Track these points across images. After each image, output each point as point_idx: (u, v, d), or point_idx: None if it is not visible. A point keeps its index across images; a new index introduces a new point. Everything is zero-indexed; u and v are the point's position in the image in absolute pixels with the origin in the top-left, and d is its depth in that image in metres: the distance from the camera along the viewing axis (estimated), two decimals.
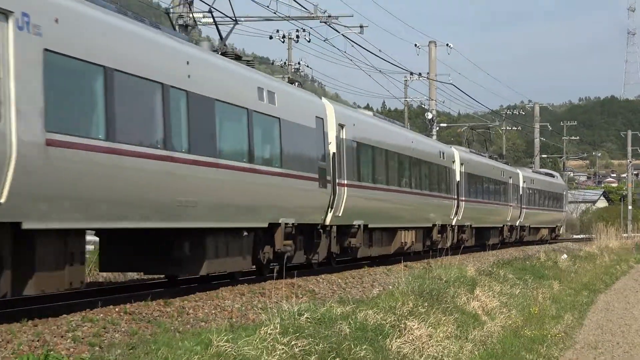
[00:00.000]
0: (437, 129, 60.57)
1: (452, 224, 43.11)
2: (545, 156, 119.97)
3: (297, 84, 28.38)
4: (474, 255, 43.00)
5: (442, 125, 68.56)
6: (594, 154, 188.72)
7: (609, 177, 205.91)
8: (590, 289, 34.69)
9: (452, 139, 71.85)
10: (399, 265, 29.55)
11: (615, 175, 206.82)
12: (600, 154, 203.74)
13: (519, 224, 59.58)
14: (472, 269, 26.71)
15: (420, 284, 20.16)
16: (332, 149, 27.95)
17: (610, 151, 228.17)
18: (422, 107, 60.62)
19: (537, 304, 26.05)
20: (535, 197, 64.25)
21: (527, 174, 63.39)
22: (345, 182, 28.80)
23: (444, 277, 23.10)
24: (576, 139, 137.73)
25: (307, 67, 59.73)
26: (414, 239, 36.86)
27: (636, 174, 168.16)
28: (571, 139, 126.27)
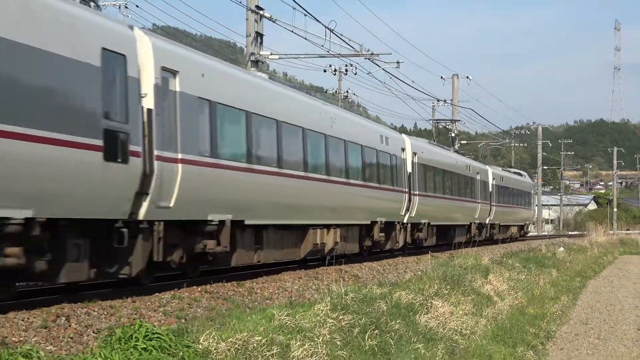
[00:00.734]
0: (459, 145, 60.26)
1: (404, 221, 31.71)
2: (546, 167, 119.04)
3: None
4: (487, 248, 42.61)
5: (462, 142, 67.93)
6: (586, 166, 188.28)
7: (598, 185, 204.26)
8: (582, 276, 34.43)
9: (471, 154, 71.01)
10: (426, 255, 29.40)
11: (603, 183, 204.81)
12: (591, 166, 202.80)
13: (488, 222, 47.61)
14: (486, 259, 26.53)
15: (444, 271, 20.02)
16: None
17: (599, 164, 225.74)
18: (447, 127, 60.01)
19: (539, 287, 25.85)
20: (505, 194, 52.01)
21: (496, 171, 51.16)
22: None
23: (463, 265, 22.95)
24: (571, 153, 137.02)
25: (354, 94, 59.56)
26: (337, 238, 25.17)
27: (620, 182, 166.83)
28: (567, 153, 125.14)
